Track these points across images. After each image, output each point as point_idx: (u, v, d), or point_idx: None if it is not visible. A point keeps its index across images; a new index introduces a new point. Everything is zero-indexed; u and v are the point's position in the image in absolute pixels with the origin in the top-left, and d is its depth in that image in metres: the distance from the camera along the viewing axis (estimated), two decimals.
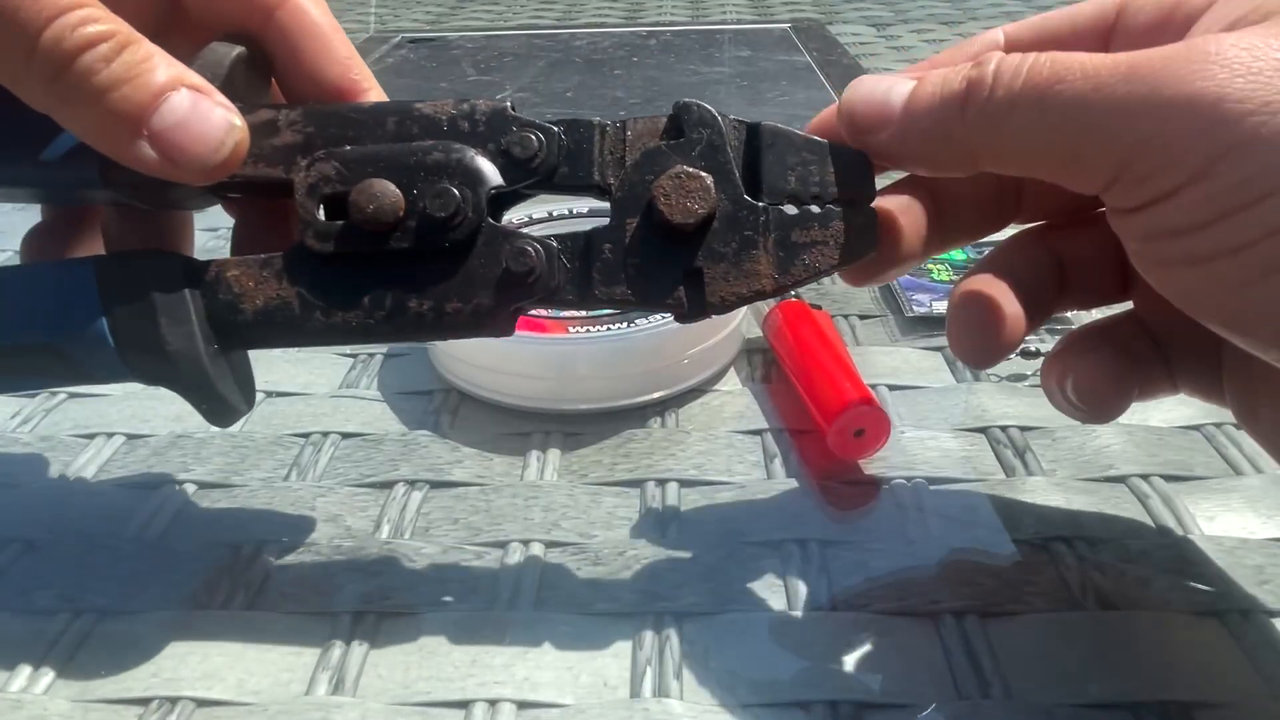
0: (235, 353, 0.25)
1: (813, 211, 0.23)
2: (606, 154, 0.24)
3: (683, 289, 0.23)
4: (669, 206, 0.23)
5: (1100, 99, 0.20)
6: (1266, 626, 0.26)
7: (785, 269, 0.23)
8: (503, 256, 0.23)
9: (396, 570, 0.28)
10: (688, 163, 0.23)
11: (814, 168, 0.23)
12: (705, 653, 0.25)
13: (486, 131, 0.24)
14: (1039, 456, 0.33)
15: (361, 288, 0.23)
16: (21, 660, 0.26)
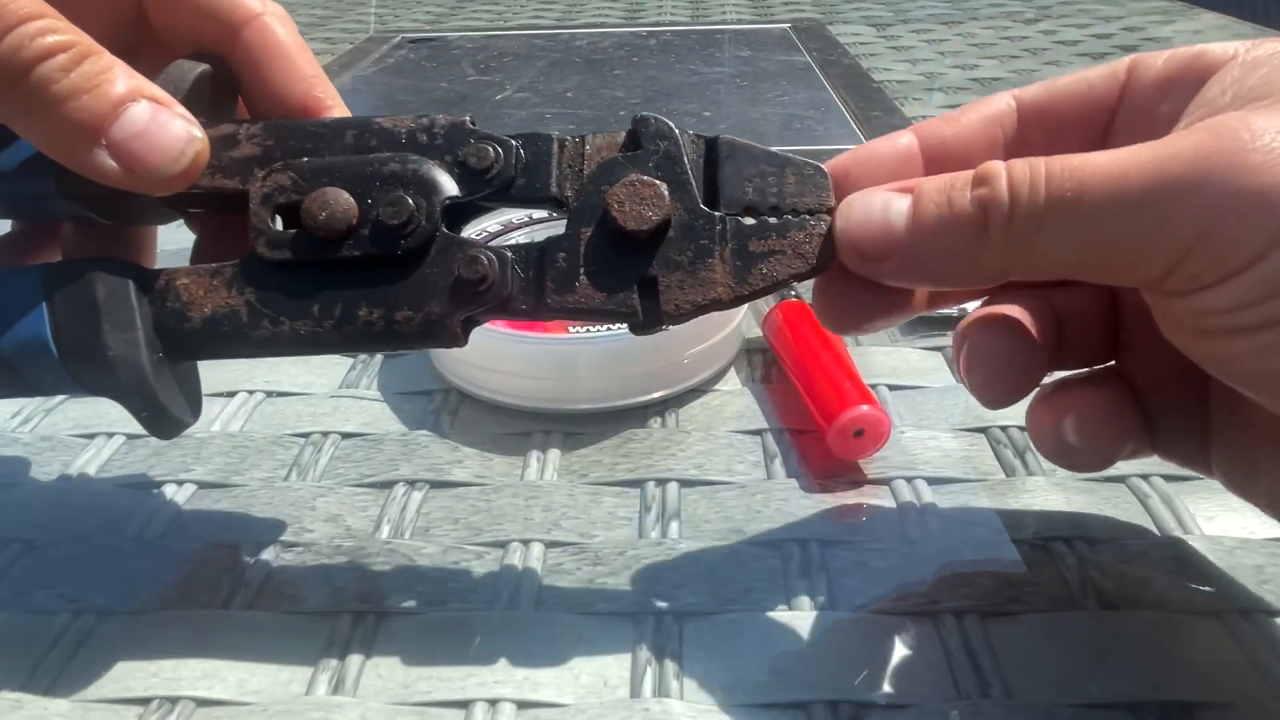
0: (182, 364, 0.25)
1: (770, 222, 0.23)
2: (564, 167, 0.24)
3: (637, 298, 0.23)
4: (622, 214, 0.23)
5: (1133, 204, 0.19)
6: (1266, 626, 0.26)
7: (742, 278, 0.23)
8: (455, 265, 0.23)
9: (396, 570, 0.28)
10: (644, 173, 0.23)
11: (772, 179, 0.23)
12: (705, 653, 0.25)
13: (445, 144, 0.24)
14: (1039, 456, 0.33)
15: (311, 296, 0.23)
16: (21, 660, 0.26)
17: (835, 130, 0.66)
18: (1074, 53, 0.88)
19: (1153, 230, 0.20)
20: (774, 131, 0.67)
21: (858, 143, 0.64)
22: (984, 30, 0.97)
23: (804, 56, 0.87)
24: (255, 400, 0.37)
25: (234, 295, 0.23)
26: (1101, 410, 0.25)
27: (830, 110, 0.71)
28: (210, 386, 0.38)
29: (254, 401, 0.37)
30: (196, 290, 0.23)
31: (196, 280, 0.24)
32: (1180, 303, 0.20)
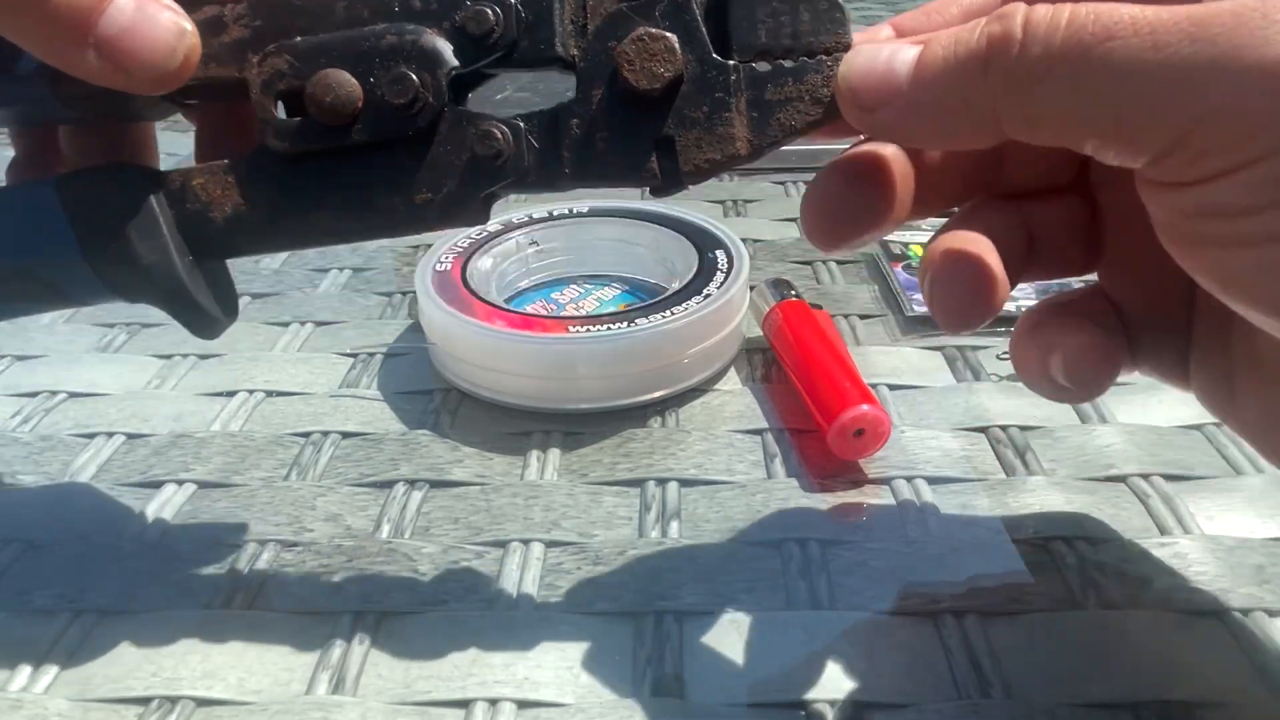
0: (211, 263, 0.24)
1: (785, 66, 0.22)
2: (567, 23, 0.23)
3: (655, 159, 0.22)
4: (633, 72, 0.22)
5: (1160, 61, 0.17)
6: (1266, 626, 0.26)
7: (760, 130, 0.22)
8: (468, 141, 0.23)
9: (396, 570, 0.28)
10: (651, 24, 0.22)
11: (785, 19, 0.22)
12: (705, 653, 0.25)
13: (440, 9, 0.23)
14: (1039, 456, 0.33)
15: (328, 186, 0.23)
16: (21, 660, 0.26)
17: None
18: None
19: (1163, 95, 0.18)
20: None
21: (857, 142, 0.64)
22: None
23: None
24: (255, 400, 0.37)
25: (251, 192, 0.23)
26: (1090, 351, 0.24)
27: None
28: (210, 386, 0.38)
29: (254, 401, 0.37)
30: (214, 190, 0.23)
31: (212, 179, 0.23)
32: (1183, 197, 0.19)
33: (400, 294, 0.45)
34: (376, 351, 0.40)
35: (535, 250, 0.43)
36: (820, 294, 0.44)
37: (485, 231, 0.42)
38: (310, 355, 0.40)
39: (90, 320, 0.44)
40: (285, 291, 0.46)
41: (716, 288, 0.37)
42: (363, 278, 0.47)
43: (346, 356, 0.40)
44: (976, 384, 0.37)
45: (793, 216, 0.53)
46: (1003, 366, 0.38)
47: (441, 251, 0.40)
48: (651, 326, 0.35)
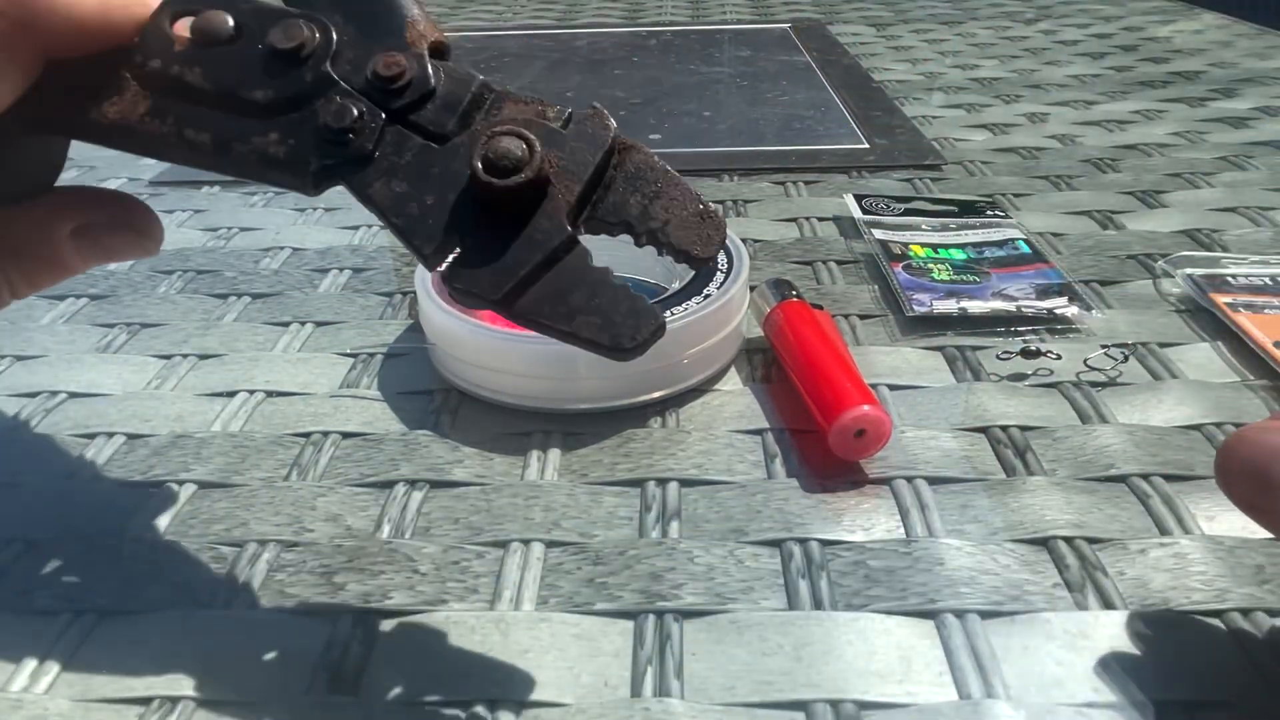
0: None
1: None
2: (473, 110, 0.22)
3: (434, 237, 0.22)
4: (491, 147, 0.21)
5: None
6: (1266, 626, 0.26)
7: (517, 298, 0.22)
8: (327, 108, 0.22)
9: (396, 570, 0.28)
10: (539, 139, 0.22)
11: (660, 204, 0.22)
12: (705, 653, 0.25)
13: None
14: (1039, 456, 0.33)
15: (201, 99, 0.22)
16: (21, 660, 0.26)
17: (835, 130, 0.66)
18: (1074, 53, 0.88)
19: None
20: (774, 131, 0.67)
21: (858, 142, 0.64)
22: (984, 30, 0.97)
23: (804, 56, 0.87)
24: (255, 400, 0.37)
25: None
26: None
27: (830, 110, 0.71)
28: (210, 386, 0.38)
29: (254, 401, 0.37)
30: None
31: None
32: None
33: (400, 294, 0.45)
34: (376, 351, 0.40)
35: None
36: (820, 294, 0.44)
37: None
38: (310, 355, 0.40)
39: (90, 320, 0.44)
40: (285, 291, 0.46)
41: (716, 288, 0.37)
42: (363, 278, 0.47)
43: (346, 356, 0.40)
44: (976, 384, 0.37)
45: (793, 216, 0.53)
46: (1003, 366, 0.38)
47: None
48: None
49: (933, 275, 0.44)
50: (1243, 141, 0.63)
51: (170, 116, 0.22)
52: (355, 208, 0.57)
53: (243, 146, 0.22)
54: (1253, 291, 0.42)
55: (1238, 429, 0.24)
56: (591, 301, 0.21)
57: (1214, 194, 0.55)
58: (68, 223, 0.24)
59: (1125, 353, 0.39)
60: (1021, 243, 0.47)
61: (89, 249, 0.24)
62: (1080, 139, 0.65)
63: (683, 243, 0.22)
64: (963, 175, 0.59)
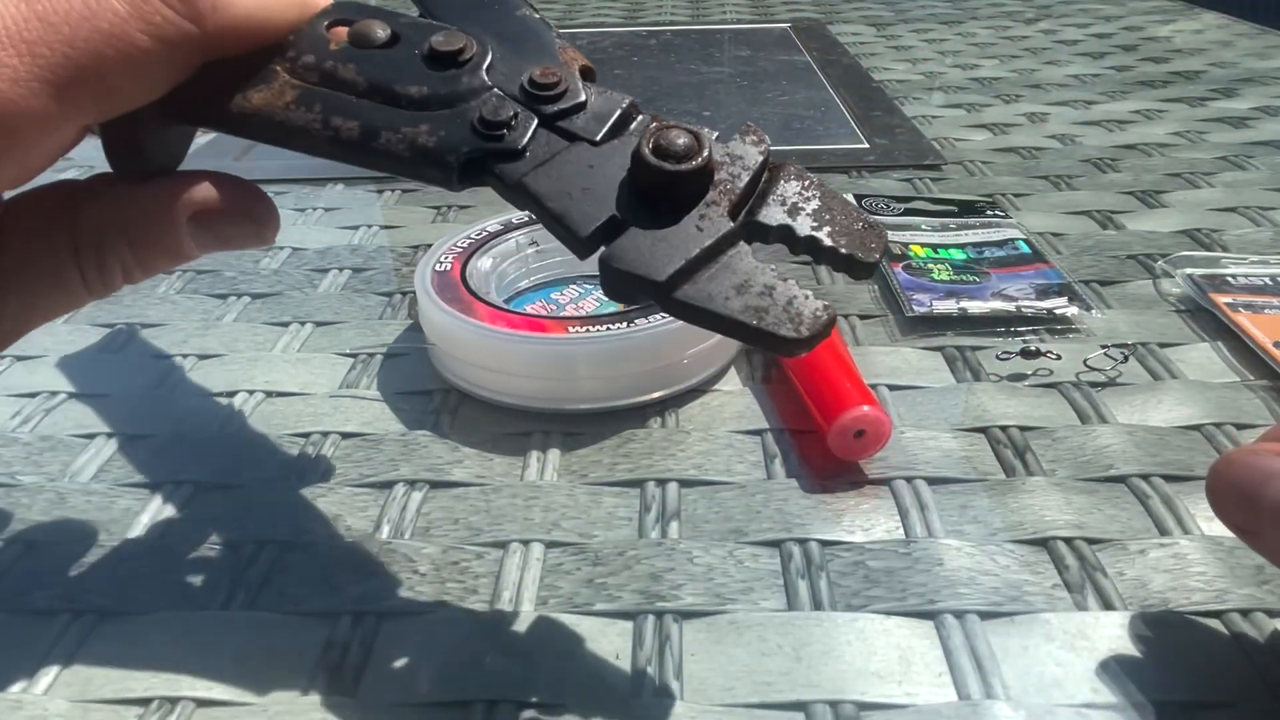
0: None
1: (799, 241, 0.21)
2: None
3: (597, 226, 0.21)
4: (653, 144, 0.21)
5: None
6: (1266, 626, 0.26)
7: (700, 288, 0.21)
8: (481, 104, 0.22)
9: (396, 570, 0.28)
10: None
11: (828, 214, 0.22)
12: (705, 653, 0.25)
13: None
14: (1039, 456, 0.33)
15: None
16: (21, 660, 0.26)
17: (835, 130, 0.66)
18: (1074, 52, 0.88)
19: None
20: (774, 131, 0.67)
21: (858, 142, 0.64)
22: (984, 30, 0.97)
23: (804, 56, 0.87)
24: (255, 400, 0.37)
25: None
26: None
27: (830, 110, 0.71)
28: (210, 387, 0.38)
29: (254, 401, 0.37)
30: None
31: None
32: None
33: (400, 294, 0.45)
34: (376, 352, 0.40)
35: (535, 250, 0.43)
36: (821, 294, 0.44)
37: (485, 232, 0.42)
38: (310, 355, 0.40)
39: (90, 320, 0.44)
40: (285, 291, 0.46)
41: None
42: (362, 278, 0.47)
43: (346, 357, 0.40)
44: (976, 384, 0.37)
45: None
46: (1002, 366, 0.38)
47: (441, 252, 0.40)
48: (651, 327, 0.35)
49: (932, 275, 0.44)
50: (1243, 141, 0.63)
51: (317, 105, 0.22)
52: (355, 208, 0.58)
53: (391, 135, 0.22)
54: (1253, 291, 0.42)
55: (1226, 451, 0.24)
56: (758, 294, 0.21)
57: (1214, 194, 0.55)
58: (187, 209, 0.23)
59: (1125, 353, 0.39)
60: (1021, 243, 0.47)
61: (206, 237, 0.24)
62: (1080, 139, 0.65)
63: (845, 247, 0.21)
64: (963, 175, 0.59)
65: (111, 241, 0.23)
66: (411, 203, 0.57)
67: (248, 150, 0.65)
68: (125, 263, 0.23)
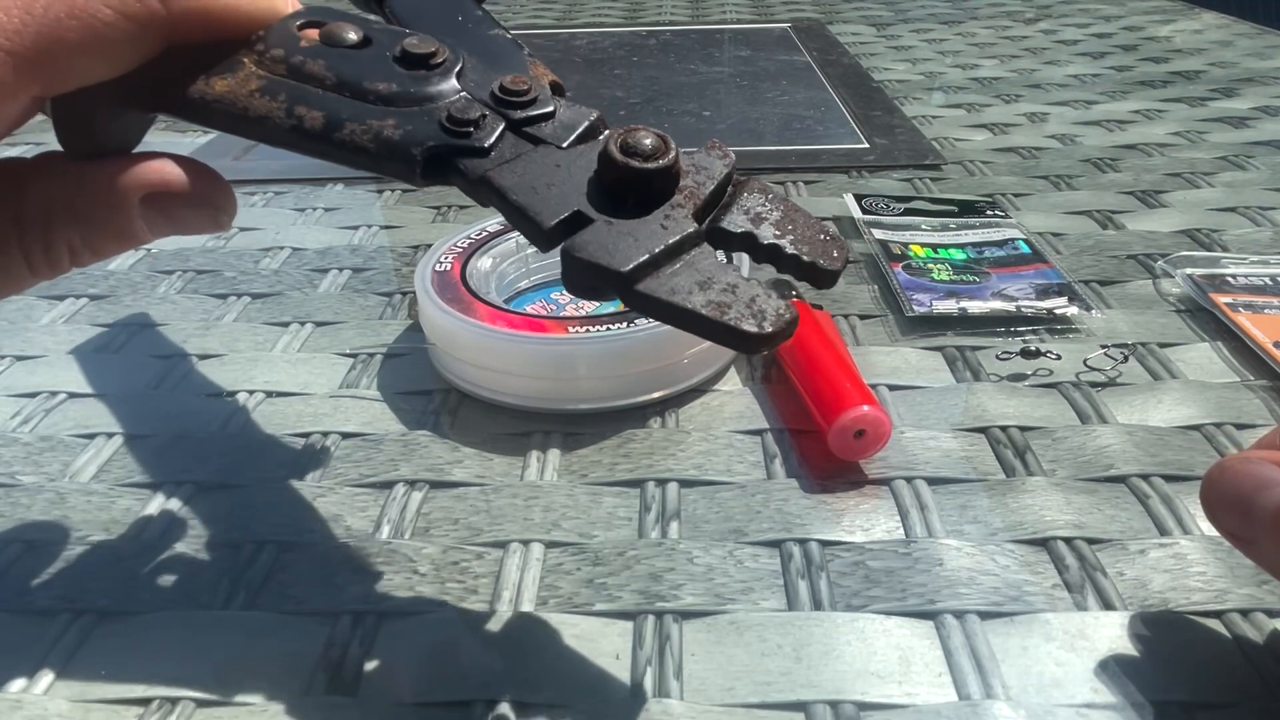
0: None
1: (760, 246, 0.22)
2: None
3: (560, 219, 0.21)
4: (620, 144, 0.21)
5: None
6: (1266, 626, 0.26)
7: (663, 281, 0.21)
8: (448, 104, 0.22)
9: (396, 570, 0.28)
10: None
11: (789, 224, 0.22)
12: (705, 653, 0.25)
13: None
14: (1039, 456, 0.33)
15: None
16: (21, 660, 0.26)
17: (835, 130, 0.66)
18: (1074, 52, 0.88)
19: None
20: (774, 131, 0.67)
21: (857, 142, 0.64)
22: (984, 30, 0.97)
23: (804, 56, 0.87)
24: (255, 400, 0.37)
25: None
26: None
27: (830, 110, 0.71)
28: (210, 387, 0.38)
29: (254, 401, 0.37)
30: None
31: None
32: None
33: (400, 294, 0.45)
34: (376, 352, 0.40)
35: (535, 250, 0.43)
36: (820, 294, 0.44)
37: (485, 232, 0.42)
38: (310, 355, 0.40)
39: (90, 320, 0.44)
40: (285, 292, 0.46)
41: None
42: (362, 278, 0.47)
43: (346, 357, 0.40)
44: (976, 384, 0.37)
45: None
46: (1002, 366, 0.38)
47: (441, 252, 0.40)
48: (651, 327, 0.35)
49: (932, 275, 0.44)
50: (1243, 141, 0.63)
51: (282, 94, 0.22)
52: (355, 208, 0.58)
53: (355, 126, 0.22)
54: (1253, 291, 0.42)
55: (1221, 459, 0.24)
56: (721, 290, 0.21)
57: (1214, 194, 0.55)
58: (139, 190, 0.22)
59: (1125, 353, 0.39)
60: (1021, 243, 0.47)
61: (158, 220, 0.23)
62: (1080, 139, 0.65)
63: (808, 255, 0.22)
64: (963, 175, 0.59)
65: (59, 221, 0.22)
66: (411, 203, 0.57)
67: (248, 150, 0.65)
68: (73, 244, 0.22)
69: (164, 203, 0.23)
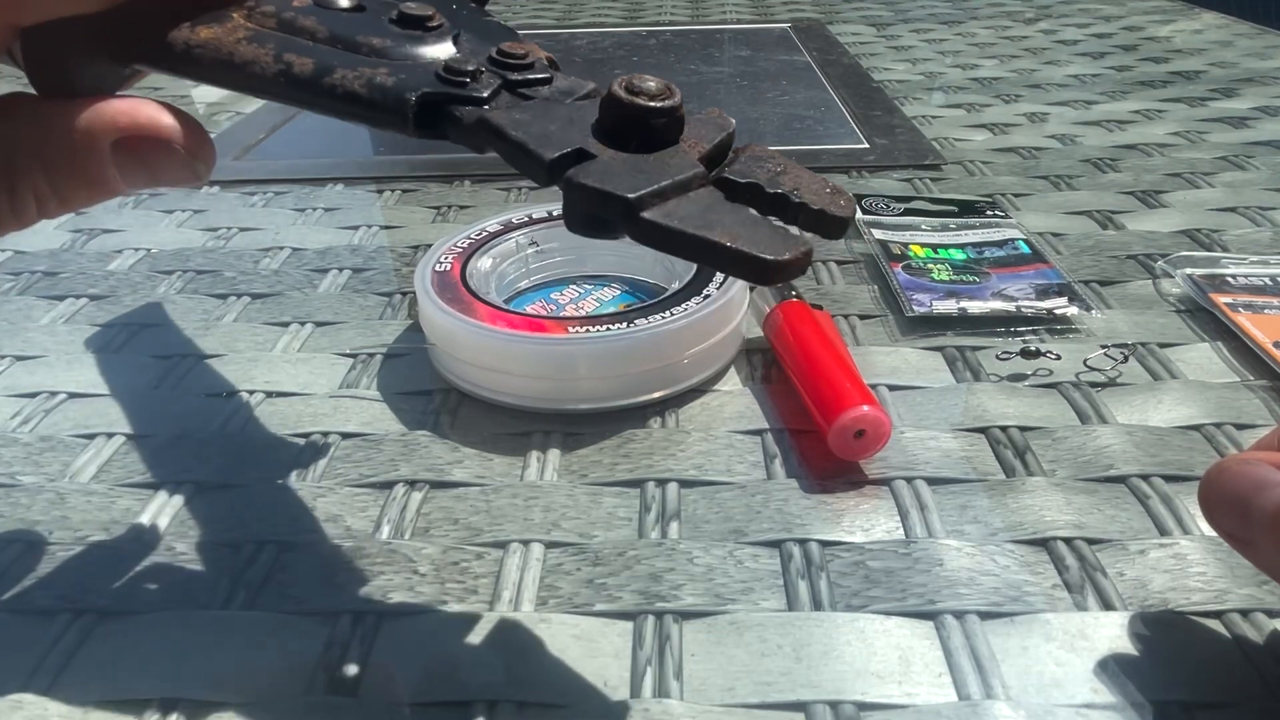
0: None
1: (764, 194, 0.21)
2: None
3: (560, 154, 0.20)
4: (627, 87, 0.21)
5: None
6: (1266, 626, 0.26)
7: (667, 213, 0.20)
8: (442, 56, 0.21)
9: (396, 570, 0.28)
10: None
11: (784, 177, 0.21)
12: (705, 653, 0.25)
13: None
14: (1039, 456, 0.33)
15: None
16: (21, 660, 0.26)
17: (835, 130, 0.66)
18: (1074, 52, 0.88)
19: None
20: (774, 131, 0.67)
21: (857, 142, 0.64)
22: (984, 30, 0.97)
23: (804, 56, 0.87)
24: (255, 400, 0.37)
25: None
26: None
27: (830, 110, 0.71)
28: (210, 387, 0.38)
29: (254, 401, 0.37)
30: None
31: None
32: None
33: (400, 294, 0.45)
34: (376, 352, 0.40)
35: (535, 250, 0.43)
36: (820, 294, 0.44)
37: (485, 232, 0.42)
38: (310, 355, 0.40)
39: (90, 320, 0.44)
40: (285, 292, 0.46)
41: (716, 288, 0.37)
42: (362, 278, 0.47)
43: (346, 357, 0.40)
44: (976, 384, 0.37)
45: None
46: (1002, 367, 0.38)
47: (441, 252, 0.40)
48: (651, 327, 0.35)
49: (932, 275, 0.44)
50: (1243, 141, 0.63)
51: (270, 43, 0.21)
52: (355, 208, 0.58)
53: (347, 72, 0.21)
54: (1253, 291, 0.41)
55: (1219, 460, 0.24)
56: (732, 224, 0.20)
57: (1214, 194, 0.55)
58: (110, 133, 0.20)
59: (1125, 353, 0.39)
60: (1021, 243, 0.47)
61: (132, 167, 0.21)
62: (1080, 139, 0.65)
63: (816, 203, 0.21)
64: (962, 175, 0.59)
65: (24, 166, 0.20)
66: (411, 203, 0.57)
67: (248, 150, 0.65)
68: (40, 192, 0.21)
69: (138, 148, 0.21)
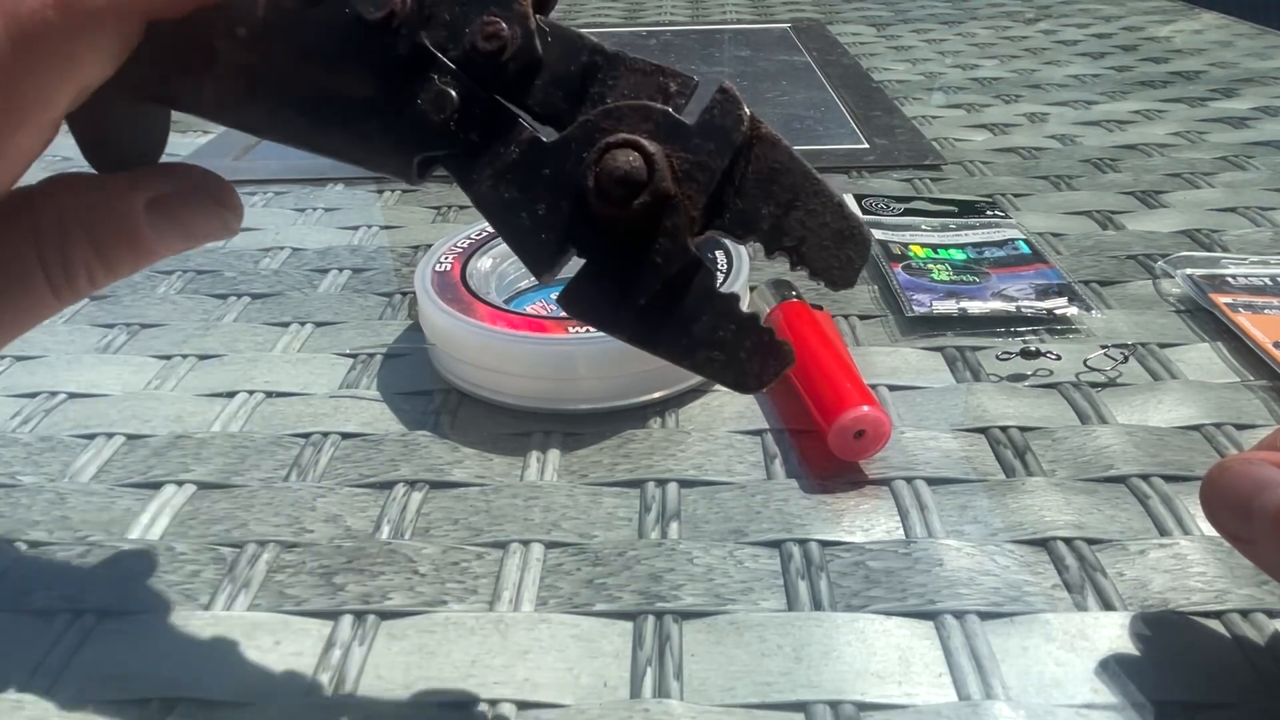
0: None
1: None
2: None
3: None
4: (597, 172, 0.20)
5: None
6: (1266, 626, 0.26)
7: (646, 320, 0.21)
8: (424, 95, 0.21)
9: (396, 570, 0.28)
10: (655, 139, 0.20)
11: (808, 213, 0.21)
12: (705, 653, 0.25)
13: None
14: (1039, 456, 0.33)
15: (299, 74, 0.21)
16: (21, 660, 0.26)
17: (835, 130, 0.66)
18: (1074, 53, 0.88)
19: None
20: None
21: (857, 142, 0.64)
22: (984, 30, 0.97)
23: (804, 56, 0.87)
24: (255, 400, 0.37)
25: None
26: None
27: (830, 110, 0.71)
28: (210, 387, 0.38)
29: (254, 401, 0.37)
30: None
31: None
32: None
33: (400, 294, 0.45)
34: (376, 352, 0.40)
35: None
36: (820, 294, 0.44)
37: (485, 232, 0.42)
38: (310, 356, 0.40)
39: (90, 320, 0.44)
40: (285, 292, 0.46)
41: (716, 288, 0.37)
42: (362, 278, 0.47)
43: (346, 357, 0.40)
44: (976, 384, 0.37)
45: None
46: (1002, 367, 0.38)
47: (441, 252, 0.40)
48: None
49: (932, 275, 0.44)
50: (1243, 141, 0.63)
51: (270, 96, 0.21)
52: (355, 208, 0.58)
53: (343, 133, 0.21)
54: (1253, 292, 0.42)
55: (1221, 460, 0.24)
56: (715, 334, 0.20)
57: (1214, 194, 0.55)
58: (143, 193, 0.22)
59: (1125, 353, 0.39)
60: (1021, 243, 0.47)
61: (167, 225, 0.23)
62: (1080, 139, 0.65)
63: (819, 266, 0.21)
64: (963, 175, 0.59)
65: (75, 238, 0.22)
66: (411, 203, 0.57)
67: (248, 149, 0.65)
68: (88, 260, 0.22)
69: (170, 207, 0.23)
